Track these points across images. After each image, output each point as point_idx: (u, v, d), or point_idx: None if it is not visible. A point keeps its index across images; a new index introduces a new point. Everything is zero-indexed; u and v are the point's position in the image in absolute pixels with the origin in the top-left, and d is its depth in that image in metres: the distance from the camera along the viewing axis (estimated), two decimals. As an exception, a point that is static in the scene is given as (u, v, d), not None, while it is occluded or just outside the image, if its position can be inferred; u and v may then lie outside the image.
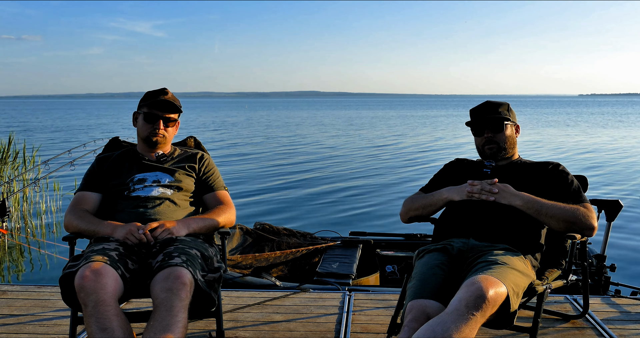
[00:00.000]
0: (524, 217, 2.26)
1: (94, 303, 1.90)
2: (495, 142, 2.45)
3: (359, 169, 13.50)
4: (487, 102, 2.53)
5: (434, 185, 2.56)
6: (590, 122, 37.88)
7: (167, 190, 2.47)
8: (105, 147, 2.74)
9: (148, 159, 2.55)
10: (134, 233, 2.22)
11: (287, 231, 4.88)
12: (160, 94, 2.51)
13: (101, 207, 2.47)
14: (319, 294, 3.28)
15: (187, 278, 1.99)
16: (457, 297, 1.82)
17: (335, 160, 15.45)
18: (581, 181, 2.52)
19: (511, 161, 2.51)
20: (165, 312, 1.91)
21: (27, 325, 2.78)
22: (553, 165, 2.42)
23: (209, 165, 2.63)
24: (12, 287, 3.36)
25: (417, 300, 1.96)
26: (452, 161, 2.67)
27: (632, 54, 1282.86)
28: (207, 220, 2.42)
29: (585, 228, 2.21)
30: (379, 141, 21.96)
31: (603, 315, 2.90)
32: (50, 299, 3.14)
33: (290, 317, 2.89)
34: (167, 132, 2.54)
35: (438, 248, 2.25)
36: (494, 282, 1.85)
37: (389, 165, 14.15)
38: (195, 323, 2.76)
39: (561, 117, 47.27)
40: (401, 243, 4.79)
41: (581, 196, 2.33)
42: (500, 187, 2.28)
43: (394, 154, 17.21)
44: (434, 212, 2.47)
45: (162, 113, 2.50)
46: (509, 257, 2.08)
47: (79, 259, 2.12)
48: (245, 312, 2.96)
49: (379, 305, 3.06)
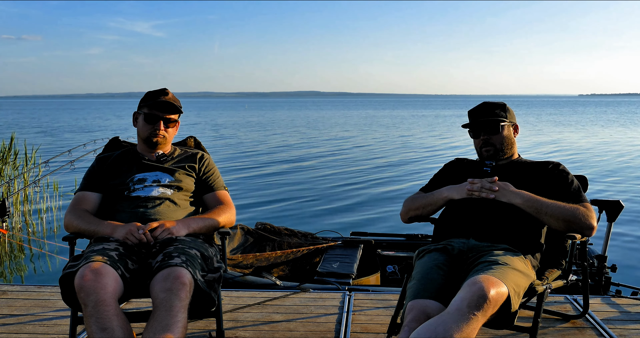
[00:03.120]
0: (524, 217, 2.26)
1: (94, 303, 1.90)
2: (492, 144, 2.45)
3: (367, 166, 13.51)
4: (484, 103, 2.52)
5: (434, 184, 2.56)
6: (590, 122, 37.87)
7: (167, 190, 2.47)
8: (105, 147, 2.74)
9: (148, 159, 2.55)
10: (134, 233, 2.22)
11: (288, 231, 4.88)
12: (160, 95, 2.51)
13: (101, 207, 2.47)
14: (319, 294, 3.28)
15: (187, 279, 1.99)
16: (458, 297, 1.82)
17: (342, 157, 15.45)
18: (581, 181, 2.52)
19: (511, 160, 2.50)
20: (165, 312, 1.91)
21: (27, 325, 2.78)
22: (553, 165, 2.42)
23: (209, 165, 2.63)
24: (12, 287, 3.36)
25: (417, 300, 1.96)
26: (452, 161, 2.66)
27: (632, 54, 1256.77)
28: (207, 220, 2.42)
29: (585, 227, 2.20)
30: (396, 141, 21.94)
31: (603, 315, 2.90)
32: (50, 299, 3.14)
33: (290, 317, 2.89)
34: (168, 133, 2.55)
35: (438, 248, 2.25)
36: (496, 282, 1.86)
37: (394, 164, 14.17)
38: (195, 323, 2.76)
39: (562, 117, 47.26)
40: (402, 244, 4.78)
41: (581, 196, 2.33)
42: (500, 185, 2.28)
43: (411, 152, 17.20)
44: (434, 211, 2.47)
45: (162, 114, 2.50)
46: (509, 257, 2.08)
47: (79, 259, 2.13)
48: (245, 312, 2.96)
49: (379, 305, 3.06)
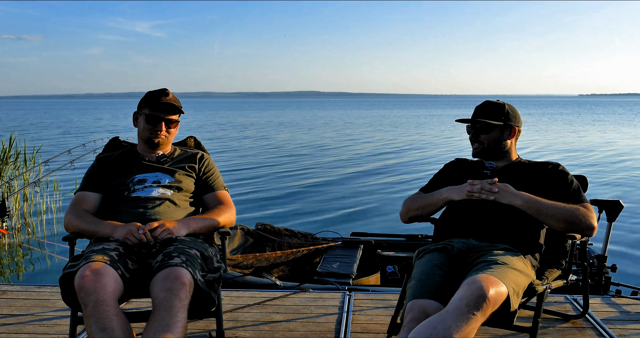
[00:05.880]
0: (523, 217, 2.26)
1: (93, 303, 1.90)
2: (480, 142, 2.47)
3: (368, 168, 13.50)
4: (486, 101, 2.53)
5: (433, 185, 2.56)
6: (590, 121, 37.85)
7: (167, 191, 2.47)
8: (105, 147, 2.74)
9: (148, 160, 2.55)
10: (134, 233, 2.22)
11: (288, 231, 4.88)
12: (161, 95, 2.51)
13: (101, 207, 2.47)
14: (319, 294, 3.28)
15: (187, 279, 1.99)
16: (457, 296, 1.83)
17: (339, 159, 15.45)
18: (581, 181, 2.52)
19: (511, 161, 2.51)
20: (164, 312, 1.91)
21: (27, 325, 2.78)
22: (553, 165, 2.42)
23: (209, 165, 2.63)
24: (12, 287, 3.36)
25: (416, 300, 1.96)
26: (452, 161, 2.67)
27: (632, 54, 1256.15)
28: (207, 220, 2.42)
29: (585, 228, 2.20)
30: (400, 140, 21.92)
31: (603, 315, 2.90)
32: (50, 299, 3.14)
33: (290, 317, 2.89)
34: (169, 133, 2.55)
35: (438, 248, 2.26)
36: (495, 281, 1.86)
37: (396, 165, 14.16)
38: (195, 323, 2.76)
39: (562, 117, 47.23)
40: (402, 244, 4.78)
41: (581, 196, 2.33)
42: (500, 187, 2.28)
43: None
44: (434, 212, 2.47)
45: (163, 115, 2.50)
46: (509, 257, 2.08)
47: (79, 259, 2.13)
48: (245, 312, 2.96)
49: (379, 305, 3.06)
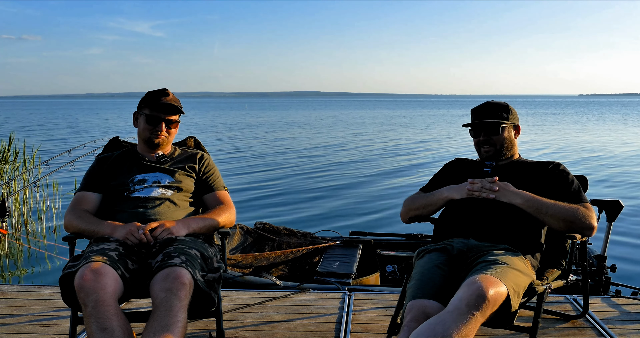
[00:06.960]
0: (523, 217, 2.26)
1: (93, 303, 1.90)
2: (492, 144, 2.46)
3: (368, 168, 13.50)
4: (487, 103, 2.52)
5: (434, 184, 2.56)
6: (590, 121, 37.86)
7: (167, 191, 2.47)
8: (105, 147, 2.74)
9: (148, 160, 2.55)
10: (133, 233, 2.22)
11: (288, 231, 4.88)
12: (161, 95, 2.51)
13: (101, 207, 2.47)
14: (319, 294, 3.28)
15: (187, 279, 1.99)
16: (457, 296, 1.83)
17: (340, 160, 15.45)
18: (581, 181, 2.52)
19: (511, 160, 2.51)
20: (164, 312, 1.91)
21: (27, 325, 2.78)
22: (553, 165, 2.42)
23: (209, 165, 2.63)
24: (12, 287, 3.36)
25: (416, 300, 1.96)
26: (452, 161, 2.66)
27: (632, 54, 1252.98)
28: (207, 220, 2.42)
29: (585, 227, 2.20)
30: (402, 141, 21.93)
31: (603, 315, 2.90)
32: (50, 299, 3.14)
33: (290, 317, 2.89)
34: (169, 134, 2.55)
35: (438, 248, 2.25)
36: (495, 281, 1.86)
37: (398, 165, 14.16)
38: (195, 323, 2.76)
39: (562, 117, 47.25)
40: (402, 244, 4.78)
41: (581, 196, 2.33)
42: (501, 185, 2.28)
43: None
44: (434, 211, 2.47)
45: (164, 115, 2.50)
46: (509, 257, 2.08)
47: (78, 259, 2.13)
48: (245, 312, 2.96)
49: (379, 305, 3.06)
